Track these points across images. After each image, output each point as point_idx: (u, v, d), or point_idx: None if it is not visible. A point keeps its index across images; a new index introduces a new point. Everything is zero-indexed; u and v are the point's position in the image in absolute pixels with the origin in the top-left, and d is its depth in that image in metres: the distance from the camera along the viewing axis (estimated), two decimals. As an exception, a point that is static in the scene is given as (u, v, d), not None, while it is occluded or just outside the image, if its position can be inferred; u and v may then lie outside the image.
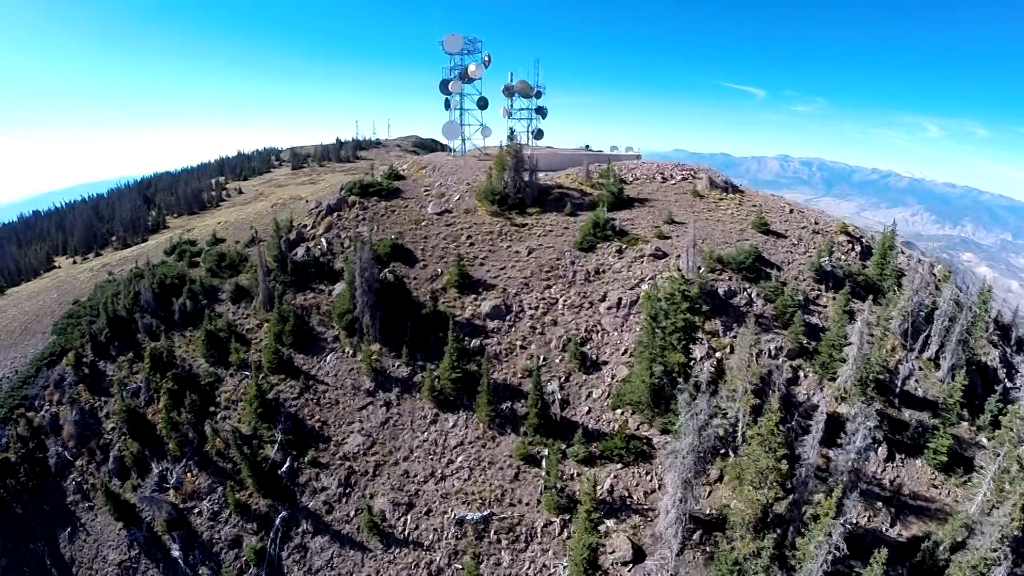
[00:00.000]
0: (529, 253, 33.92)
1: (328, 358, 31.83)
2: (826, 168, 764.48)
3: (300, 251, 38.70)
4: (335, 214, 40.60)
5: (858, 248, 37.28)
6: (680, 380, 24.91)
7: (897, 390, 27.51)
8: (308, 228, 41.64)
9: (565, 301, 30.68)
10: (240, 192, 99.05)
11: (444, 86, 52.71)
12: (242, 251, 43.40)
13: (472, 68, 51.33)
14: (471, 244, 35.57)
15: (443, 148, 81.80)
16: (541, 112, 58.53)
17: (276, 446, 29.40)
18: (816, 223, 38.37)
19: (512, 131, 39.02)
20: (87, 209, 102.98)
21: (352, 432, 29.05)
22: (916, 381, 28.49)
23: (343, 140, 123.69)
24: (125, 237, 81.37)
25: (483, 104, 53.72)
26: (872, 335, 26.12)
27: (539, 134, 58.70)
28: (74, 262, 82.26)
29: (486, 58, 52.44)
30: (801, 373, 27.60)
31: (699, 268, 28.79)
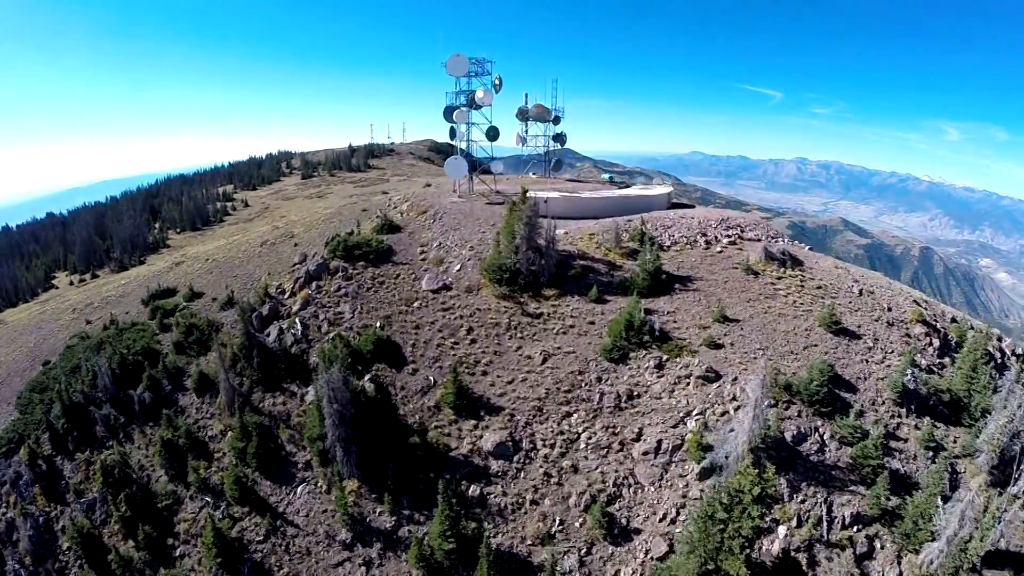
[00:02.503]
0: (544, 361, 27.54)
1: (299, 490, 26.44)
2: (844, 171, 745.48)
3: (273, 331, 33.13)
4: (314, 284, 34.79)
5: (937, 342, 30.19)
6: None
7: (983, 552, 21.48)
8: (285, 296, 35.97)
9: (589, 438, 24.40)
10: (246, 205, 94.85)
11: (448, 113, 45.72)
12: (214, 318, 38.08)
13: (480, 94, 44.30)
14: (472, 341, 29.34)
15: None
16: (559, 139, 51.02)
17: (237, 605, 24.49)
18: (889, 309, 31.17)
19: (526, 192, 32.24)
20: (91, 221, 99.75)
21: (325, 596, 23.80)
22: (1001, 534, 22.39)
23: (355, 146, 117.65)
24: (122, 259, 77.68)
25: (493, 135, 46.46)
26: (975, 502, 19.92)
27: (558, 166, 51.40)
28: (71, 283, 79.25)
29: (496, 81, 45.24)
30: (877, 544, 21.45)
31: (769, 406, 22.20)
